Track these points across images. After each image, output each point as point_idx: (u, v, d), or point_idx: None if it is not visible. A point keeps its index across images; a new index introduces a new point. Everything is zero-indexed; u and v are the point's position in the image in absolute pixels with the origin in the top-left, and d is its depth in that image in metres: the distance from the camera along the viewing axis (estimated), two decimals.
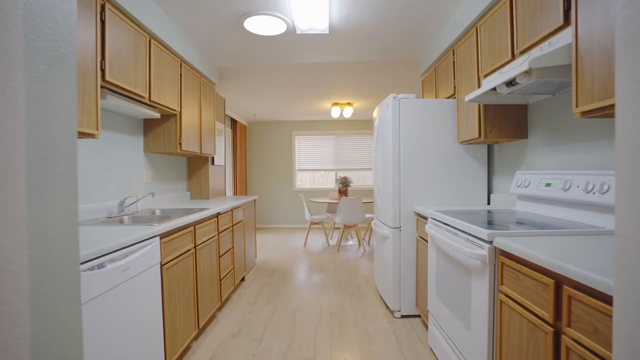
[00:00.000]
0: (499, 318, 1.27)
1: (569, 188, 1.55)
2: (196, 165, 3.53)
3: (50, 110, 0.75)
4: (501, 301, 1.25)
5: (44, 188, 0.72)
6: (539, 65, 1.33)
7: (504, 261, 1.24)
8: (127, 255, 1.43)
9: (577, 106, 1.21)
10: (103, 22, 1.72)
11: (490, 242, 1.31)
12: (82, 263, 1.16)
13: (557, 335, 0.95)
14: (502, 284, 1.25)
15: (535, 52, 1.49)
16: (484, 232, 1.33)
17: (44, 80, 0.74)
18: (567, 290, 0.89)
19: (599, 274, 0.79)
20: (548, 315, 0.97)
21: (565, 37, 1.31)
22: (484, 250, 1.33)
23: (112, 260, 1.32)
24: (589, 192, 1.41)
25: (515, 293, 1.16)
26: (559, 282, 0.94)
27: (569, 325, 0.89)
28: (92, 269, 1.19)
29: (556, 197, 1.62)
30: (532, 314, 1.06)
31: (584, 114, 1.20)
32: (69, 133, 0.83)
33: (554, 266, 0.92)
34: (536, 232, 1.28)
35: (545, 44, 1.42)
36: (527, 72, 1.49)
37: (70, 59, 0.83)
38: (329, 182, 7.14)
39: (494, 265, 1.31)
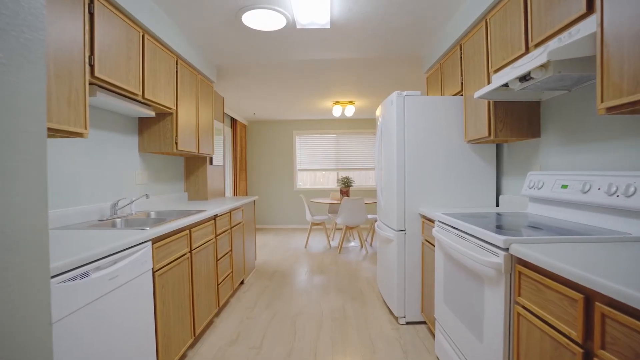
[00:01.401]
0: (515, 332, 1.17)
1: (588, 190, 1.44)
2: (194, 165, 3.44)
3: (10, 104, 0.66)
4: (518, 314, 1.15)
5: (1, 191, 0.63)
6: (558, 57, 1.23)
7: (521, 270, 1.14)
8: (115, 263, 1.33)
9: (602, 101, 1.11)
10: (92, 15, 1.62)
11: (506, 250, 1.21)
12: (63, 273, 1.07)
13: (587, 357, 0.85)
14: (519, 295, 1.15)
15: (553, 44, 1.38)
16: (498, 239, 1.23)
17: (1, 69, 0.64)
18: (599, 307, 0.79)
19: None
20: (576, 334, 0.87)
21: (587, 26, 1.20)
22: (498, 258, 1.23)
23: (98, 269, 1.23)
24: (612, 194, 1.31)
25: (535, 306, 1.06)
26: (590, 297, 0.84)
27: (602, 348, 0.79)
28: (74, 278, 1.10)
29: (574, 199, 1.52)
30: (556, 330, 0.96)
31: (610, 109, 1.10)
32: (37, 130, 0.73)
33: (586, 280, 0.82)
34: (557, 239, 1.18)
35: (565, 34, 1.31)
36: (544, 66, 1.39)
37: (37, 46, 0.73)
38: (331, 182, 7.04)
39: (510, 275, 1.21)
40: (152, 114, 2.33)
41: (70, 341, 1.07)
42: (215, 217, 2.54)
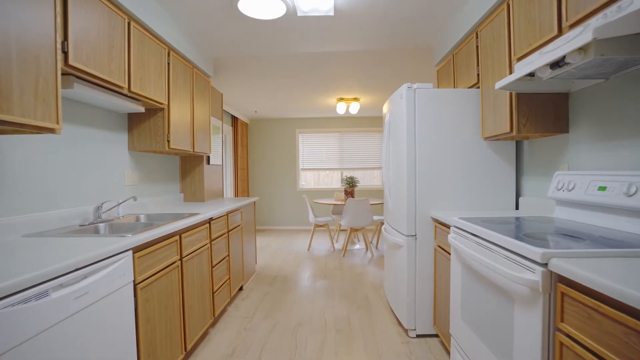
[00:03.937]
0: None
1: (634, 193, 1.24)
2: (190, 165, 3.26)
3: None
4: (561, 343, 0.95)
5: None
6: (606, 35, 1.03)
7: (565, 291, 0.94)
8: (85, 278, 1.15)
9: None
10: None
11: (545, 265, 1.02)
12: (12, 294, 0.89)
13: None
14: (562, 320, 0.95)
15: (595, 21, 1.18)
16: (535, 252, 1.03)
17: None
18: None
19: None
20: None
21: None
22: (534, 275, 1.03)
23: (61, 286, 1.05)
24: None
25: (586, 336, 0.86)
26: None
27: None
28: (26, 300, 0.92)
29: (615, 203, 1.31)
30: None
31: None
32: None
33: None
34: (609, 252, 0.98)
35: (612, 8, 1.11)
36: (583, 49, 1.19)
37: None
38: (334, 182, 6.85)
39: (550, 295, 1.01)
40: (141, 109, 2.15)
41: None
42: (210, 220, 2.36)
